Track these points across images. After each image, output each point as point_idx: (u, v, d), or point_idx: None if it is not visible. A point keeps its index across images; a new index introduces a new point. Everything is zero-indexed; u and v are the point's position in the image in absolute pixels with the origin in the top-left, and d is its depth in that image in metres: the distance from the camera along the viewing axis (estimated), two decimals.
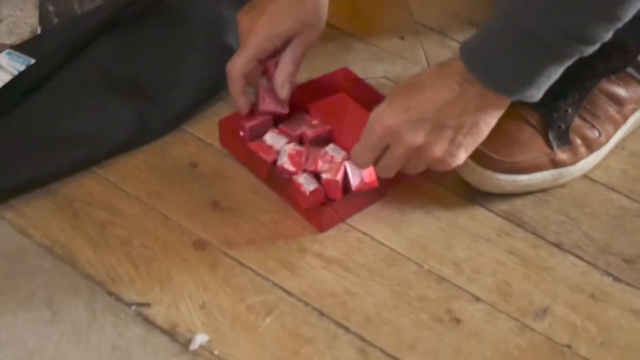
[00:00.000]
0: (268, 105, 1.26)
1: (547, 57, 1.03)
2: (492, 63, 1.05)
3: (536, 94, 1.07)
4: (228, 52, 1.33)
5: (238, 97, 1.23)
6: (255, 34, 1.20)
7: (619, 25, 1.01)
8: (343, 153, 1.23)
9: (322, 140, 1.26)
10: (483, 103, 1.07)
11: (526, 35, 1.02)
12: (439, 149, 1.10)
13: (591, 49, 1.03)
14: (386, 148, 1.12)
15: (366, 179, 1.20)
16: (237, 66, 1.21)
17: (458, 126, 1.09)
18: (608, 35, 1.02)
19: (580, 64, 1.25)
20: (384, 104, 1.10)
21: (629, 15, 1.01)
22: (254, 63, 1.22)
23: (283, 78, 1.22)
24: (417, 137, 1.08)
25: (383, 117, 1.09)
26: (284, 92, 1.23)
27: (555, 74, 1.05)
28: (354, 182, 1.20)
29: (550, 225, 1.22)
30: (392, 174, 1.15)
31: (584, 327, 1.12)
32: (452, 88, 1.06)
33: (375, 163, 1.14)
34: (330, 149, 1.23)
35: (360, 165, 1.16)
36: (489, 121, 1.10)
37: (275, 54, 1.23)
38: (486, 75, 1.05)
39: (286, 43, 1.22)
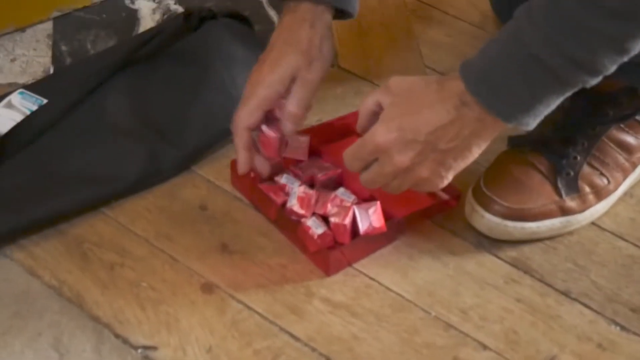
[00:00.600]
0: (287, 153, 1.26)
1: (550, 85, 1.03)
2: (493, 86, 1.04)
3: (532, 122, 1.05)
4: (239, 95, 1.35)
5: (240, 151, 1.21)
6: (256, 84, 1.20)
7: (625, 58, 1.01)
8: (353, 197, 1.23)
9: (333, 183, 1.27)
10: (479, 127, 1.07)
11: (532, 61, 1.01)
12: (426, 171, 1.09)
13: (594, 81, 1.03)
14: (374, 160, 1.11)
15: (375, 224, 1.20)
16: (240, 118, 1.20)
17: (449, 149, 1.08)
18: (612, 68, 1.02)
19: (590, 111, 1.26)
20: (380, 120, 1.09)
21: (636, 49, 1.00)
22: (258, 114, 1.20)
23: (288, 118, 1.21)
24: (406, 158, 1.08)
25: (376, 133, 1.09)
26: (287, 130, 1.21)
27: (554, 103, 1.05)
28: (363, 226, 1.20)
29: (558, 273, 1.22)
30: (375, 187, 1.14)
31: None
32: (449, 111, 1.06)
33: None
34: (340, 192, 1.24)
35: (347, 167, 1.15)
36: (482, 145, 1.09)
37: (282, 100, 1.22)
38: (486, 98, 1.04)
39: (289, 87, 1.20)
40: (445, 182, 1.12)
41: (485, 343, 1.14)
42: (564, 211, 1.24)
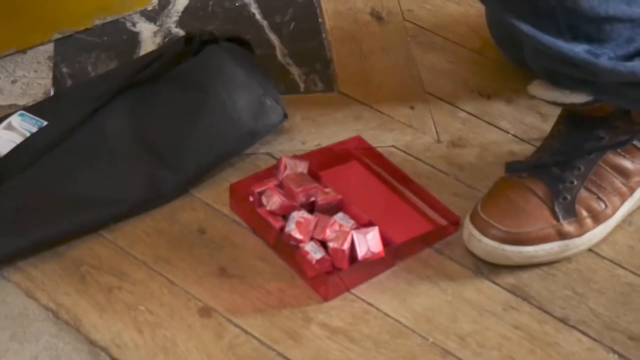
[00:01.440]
0: (286, 177, 1.27)
1: None
2: None
3: None
4: (239, 119, 1.35)
5: None
6: None
7: None
8: (352, 222, 1.23)
9: (332, 208, 1.26)
10: None
11: None
12: None
13: None
14: None
15: (373, 249, 1.20)
16: None
17: None
18: None
19: (585, 136, 1.26)
20: None
21: None
22: None
23: None
24: None
25: None
26: None
27: None
28: (361, 251, 1.20)
29: (557, 300, 1.22)
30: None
31: None
32: None
33: None
34: (339, 217, 1.24)
35: None
36: None
37: None
38: None
39: None
40: None
41: None
42: (562, 235, 1.24)
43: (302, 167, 1.30)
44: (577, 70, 1.17)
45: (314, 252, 1.20)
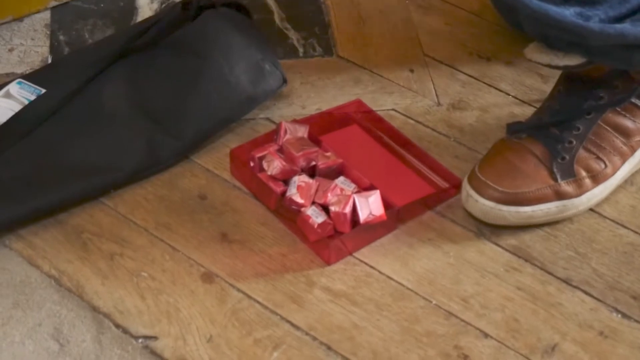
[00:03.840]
0: (287, 141, 1.26)
1: None
2: None
3: None
4: (238, 84, 1.34)
5: None
6: None
7: None
8: (353, 186, 1.23)
9: (333, 172, 1.26)
10: None
11: None
12: None
13: None
14: None
15: (375, 212, 1.20)
16: None
17: None
18: None
19: (584, 95, 1.26)
20: None
21: None
22: None
23: None
24: None
25: None
26: None
27: None
28: (363, 215, 1.20)
29: (559, 261, 1.22)
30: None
31: None
32: None
33: None
34: (340, 181, 1.23)
35: None
36: None
37: None
38: None
39: None
40: None
41: (486, 331, 1.14)
42: (560, 195, 1.24)
43: (302, 131, 1.30)
44: (566, 33, 1.16)
45: (315, 216, 1.20)
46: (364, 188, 1.24)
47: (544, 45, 1.22)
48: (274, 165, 1.25)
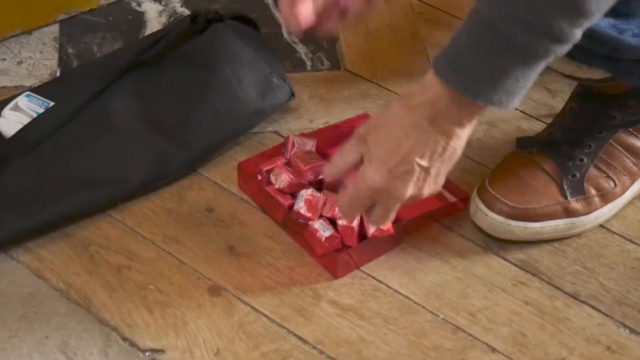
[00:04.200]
0: (295, 156, 1.27)
1: (511, 55, 0.97)
2: (456, 63, 1.00)
3: (505, 100, 1.00)
4: (246, 97, 1.35)
5: (285, 11, 1.16)
6: None
7: (586, 22, 0.96)
8: None
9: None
10: (457, 129, 1.03)
11: (488, 30, 0.97)
12: (427, 190, 1.08)
13: (559, 49, 0.97)
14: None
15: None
16: None
17: (440, 162, 1.06)
18: (575, 34, 0.96)
19: (597, 114, 1.25)
20: (365, 162, 1.08)
21: (593, 10, 0.95)
22: None
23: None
24: (407, 189, 1.07)
25: (366, 177, 1.07)
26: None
27: (523, 77, 0.99)
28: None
29: (567, 276, 1.22)
30: (387, 224, 1.15)
31: None
32: (426, 130, 1.03)
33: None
34: None
35: (349, 218, 1.16)
36: (463, 143, 1.06)
37: None
38: (454, 79, 1.00)
39: None
40: (440, 187, 1.09)
41: (493, 346, 1.14)
42: (569, 213, 1.24)
43: (310, 145, 1.30)
44: (600, 45, 1.15)
45: (322, 230, 1.20)
46: None
47: (567, 56, 1.22)
48: (282, 179, 1.25)
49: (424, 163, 1.05)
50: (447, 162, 1.07)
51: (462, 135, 1.05)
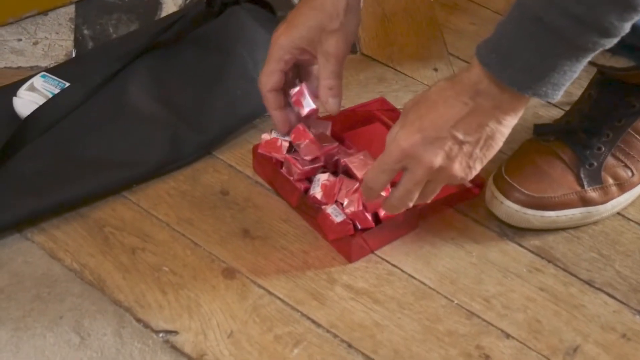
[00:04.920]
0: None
1: (559, 48, 0.97)
2: (503, 54, 0.99)
3: (551, 92, 1.00)
4: None
5: (272, 113, 1.22)
6: (274, 46, 1.19)
7: (636, 16, 0.95)
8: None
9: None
10: (498, 113, 1.03)
11: (537, 24, 0.97)
12: (458, 167, 1.06)
13: (608, 42, 0.97)
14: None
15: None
16: (262, 81, 1.20)
17: (475, 141, 1.05)
18: (624, 27, 0.96)
19: (616, 102, 1.24)
20: (397, 126, 1.07)
21: None
22: (278, 75, 1.19)
23: (325, 94, 1.19)
24: (436, 157, 1.04)
25: (398, 139, 1.05)
26: (330, 106, 1.20)
27: (570, 70, 0.99)
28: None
29: (582, 263, 1.21)
30: (410, 203, 1.11)
31: None
32: (466, 103, 1.02)
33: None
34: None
35: (375, 189, 1.11)
36: (504, 132, 1.05)
37: (306, 74, 1.22)
38: (496, 68, 1.00)
39: (310, 53, 1.19)
40: (474, 174, 1.08)
41: (508, 332, 1.13)
42: (585, 202, 1.23)
43: (325, 128, 1.29)
44: (627, 34, 1.13)
45: (335, 215, 1.19)
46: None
47: None
48: (293, 171, 1.24)
49: (458, 135, 1.03)
50: (483, 145, 1.05)
51: (503, 122, 1.04)
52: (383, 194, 1.13)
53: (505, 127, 1.05)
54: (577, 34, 0.96)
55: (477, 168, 1.08)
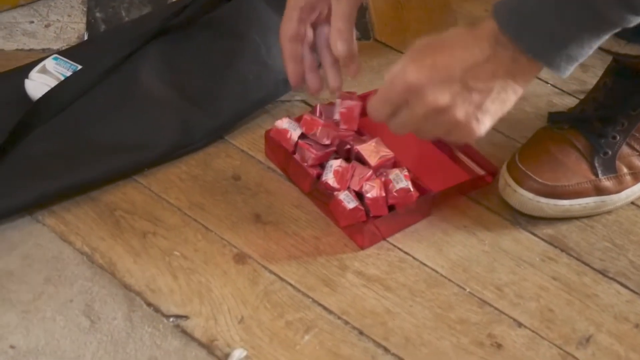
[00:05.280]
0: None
1: (586, 20, 0.95)
2: (525, 18, 0.96)
3: (564, 65, 0.97)
4: (274, 65, 1.33)
5: (287, 63, 1.21)
6: None
7: None
8: (406, 182, 1.20)
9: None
10: (514, 68, 0.99)
11: None
12: (462, 112, 1.01)
13: (633, 20, 0.94)
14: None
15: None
16: (281, 30, 1.19)
17: (486, 90, 1.00)
18: None
19: (632, 91, 1.24)
20: (406, 58, 1.02)
21: None
22: (294, 23, 1.17)
23: (334, 36, 1.15)
24: (442, 97, 1.00)
25: (406, 71, 1.01)
26: (338, 49, 1.16)
27: (588, 45, 0.96)
28: (390, 196, 1.19)
29: (595, 252, 1.20)
30: (405, 132, 1.07)
31: (627, 358, 1.10)
32: (483, 49, 0.98)
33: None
34: (394, 175, 1.21)
35: (377, 118, 1.08)
36: (517, 90, 1.01)
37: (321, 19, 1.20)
38: (516, 30, 0.97)
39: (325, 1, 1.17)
40: (482, 130, 1.03)
41: (520, 320, 1.13)
42: (599, 191, 1.22)
43: (337, 113, 1.29)
44: None
45: (347, 202, 1.19)
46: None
47: None
48: (308, 156, 1.23)
49: (469, 80, 0.99)
50: (495, 99, 1.01)
51: (514, 85, 1.00)
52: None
53: (518, 84, 1.01)
54: (605, 7, 0.94)
55: (486, 123, 1.03)
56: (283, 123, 1.25)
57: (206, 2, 1.41)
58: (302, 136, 1.25)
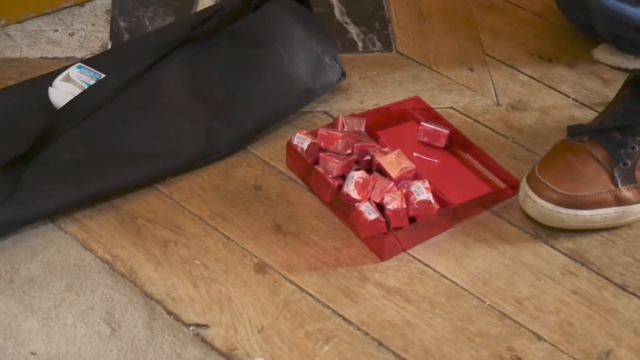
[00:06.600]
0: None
1: None
2: None
3: None
4: (297, 76, 1.34)
5: None
6: None
7: None
8: (427, 194, 1.20)
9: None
10: None
11: None
12: None
13: None
14: None
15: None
16: None
17: None
18: None
19: None
20: None
21: None
22: None
23: None
24: None
25: None
26: None
27: None
28: (410, 208, 1.19)
29: (616, 267, 1.20)
30: None
31: None
32: None
33: None
34: (415, 187, 1.21)
35: None
36: None
37: None
38: None
39: None
40: None
41: (540, 334, 1.13)
42: (619, 201, 1.22)
43: (360, 125, 1.29)
44: None
45: (368, 213, 1.19)
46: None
47: (614, 47, 1.21)
48: (331, 167, 1.24)
49: None
50: None
51: None
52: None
53: None
54: None
55: None
56: (293, 139, 1.26)
57: (231, 12, 1.41)
58: (322, 149, 1.26)
